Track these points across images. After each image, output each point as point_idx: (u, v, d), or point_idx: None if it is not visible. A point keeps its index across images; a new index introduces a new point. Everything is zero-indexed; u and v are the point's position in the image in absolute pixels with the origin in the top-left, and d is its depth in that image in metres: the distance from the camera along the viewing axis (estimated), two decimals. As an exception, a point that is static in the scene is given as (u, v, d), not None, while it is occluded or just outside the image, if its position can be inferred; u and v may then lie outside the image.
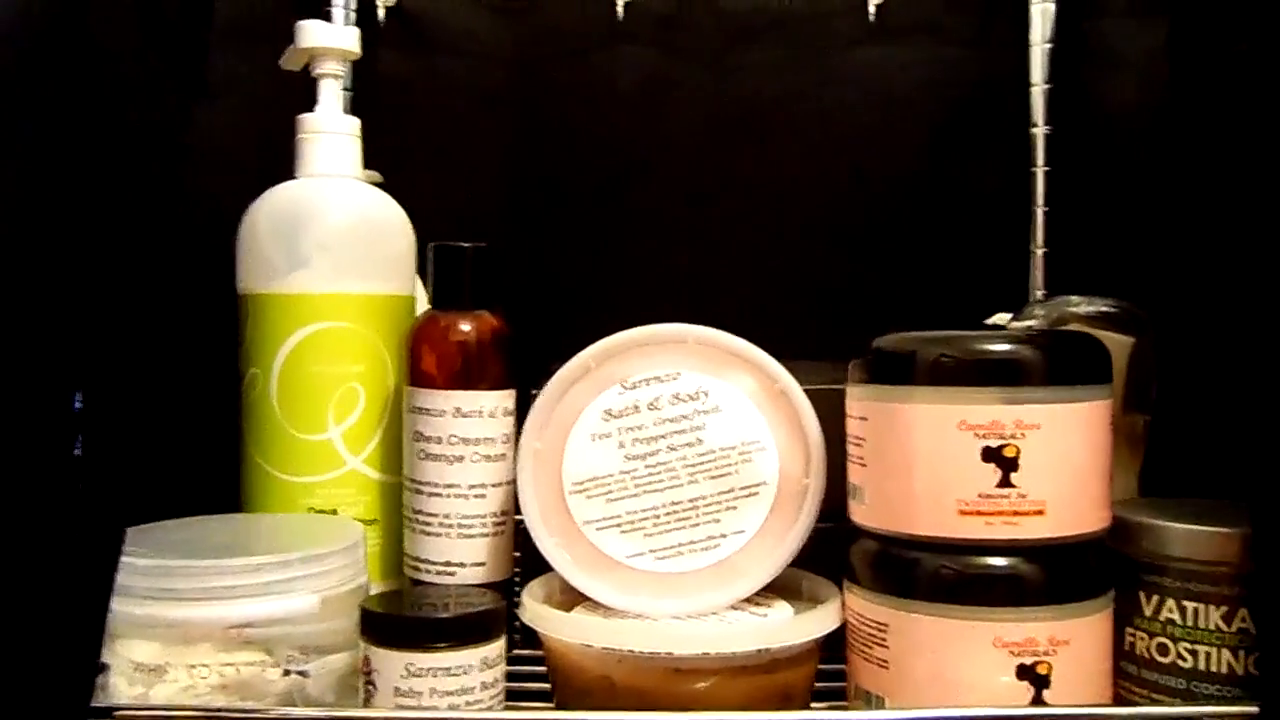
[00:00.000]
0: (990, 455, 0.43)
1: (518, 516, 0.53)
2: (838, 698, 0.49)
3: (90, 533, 0.40)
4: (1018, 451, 0.43)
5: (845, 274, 0.73)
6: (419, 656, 0.44)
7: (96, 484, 0.40)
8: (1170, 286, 0.62)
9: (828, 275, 0.73)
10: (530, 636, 0.52)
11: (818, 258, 0.73)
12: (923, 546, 0.45)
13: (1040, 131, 0.74)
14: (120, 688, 0.44)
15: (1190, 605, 0.45)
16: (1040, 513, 0.44)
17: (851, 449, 0.48)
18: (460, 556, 0.54)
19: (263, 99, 0.63)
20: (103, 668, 0.44)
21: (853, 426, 0.48)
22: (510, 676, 0.52)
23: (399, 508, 0.56)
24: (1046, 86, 0.74)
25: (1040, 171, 0.75)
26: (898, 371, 0.45)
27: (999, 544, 0.44)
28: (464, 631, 0.45)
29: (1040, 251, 0.75)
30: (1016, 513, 0.43)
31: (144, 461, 0.46)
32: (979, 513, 0.44)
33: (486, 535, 0.54)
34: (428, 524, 0.54)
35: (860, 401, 0.47)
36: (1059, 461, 0.44)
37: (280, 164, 0.58)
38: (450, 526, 0.54)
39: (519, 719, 0.41)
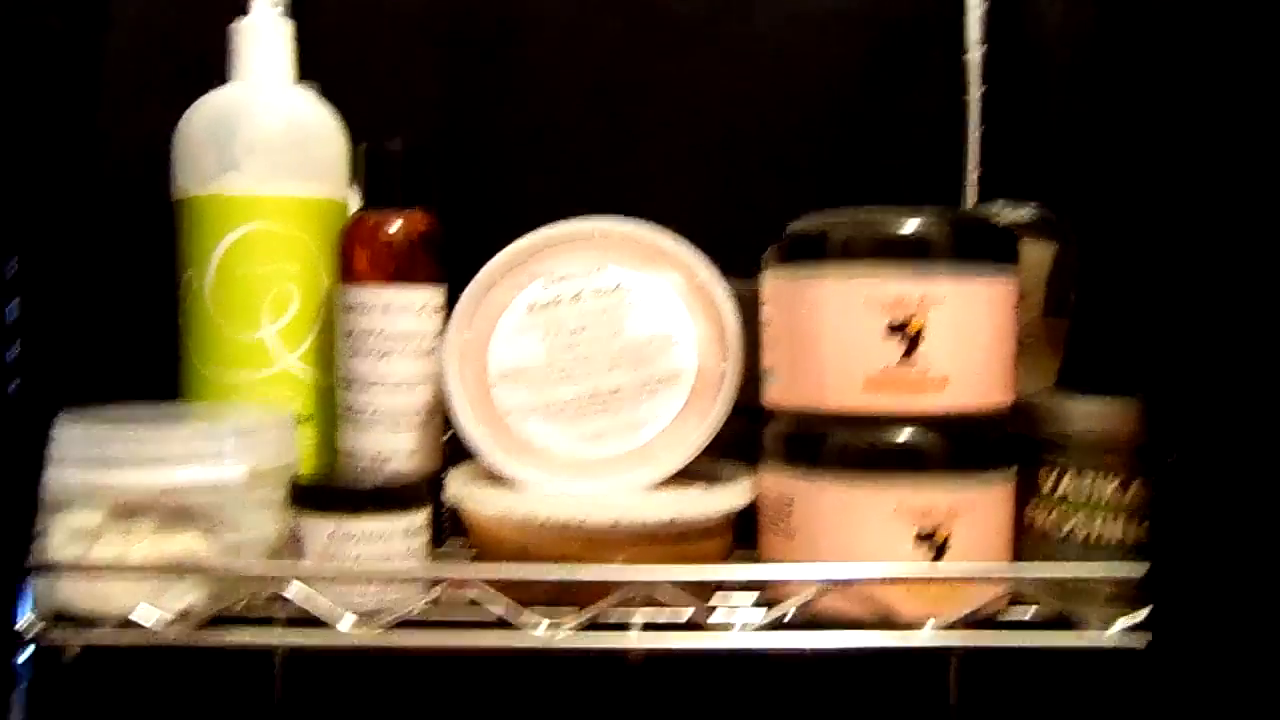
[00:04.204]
0: (895, 330, 0.45)
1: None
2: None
3: (24, 405, 0.41)
4: (922, 326, 0.45)
5: (776, 198, 0.73)
6: (343, 522, 0.45)
7: (31, 367, 0.41)
8: (1098, 200, 0.63)
9: (759, 198, 0.73)
10: (460, 531, 0.53)
11: (747, 179, 0.73)
12: (829, 421, 0.46)
13: (975, 56, 0.75)
14: (58, 550, 0.45)
15: (1087, 478, 0.47)
16: (942, 386, 0.45)
17: (765, 333, 0.49)
18: (391, 448, 0.55)
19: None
20: (41, 534, 0.45)
21: (766, 311, 0.49)
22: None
23: (333, 408, 0.57)
24: (983, 7, 0.75)
25: (975, 95, 0.76)
26: (809, 251, 0.47)
27: (902, 416, 0.45)
28: (387, 499, 0.46)
29: (974, 174, 0.76)
30: (919, 386, 0.45)
31: (82, 365, 0.47)
32: (883, 386, 0.45)
33: (416, 429, 0.55)
34: (358, 417, 0.55)
35: (773, 284, 0.48)
36: (962, 337, 0.45)
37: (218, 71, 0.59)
38: (380, 420, 0.55)
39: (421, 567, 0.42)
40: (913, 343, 0.45)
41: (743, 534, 0.52)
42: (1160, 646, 0.43)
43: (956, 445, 0.45)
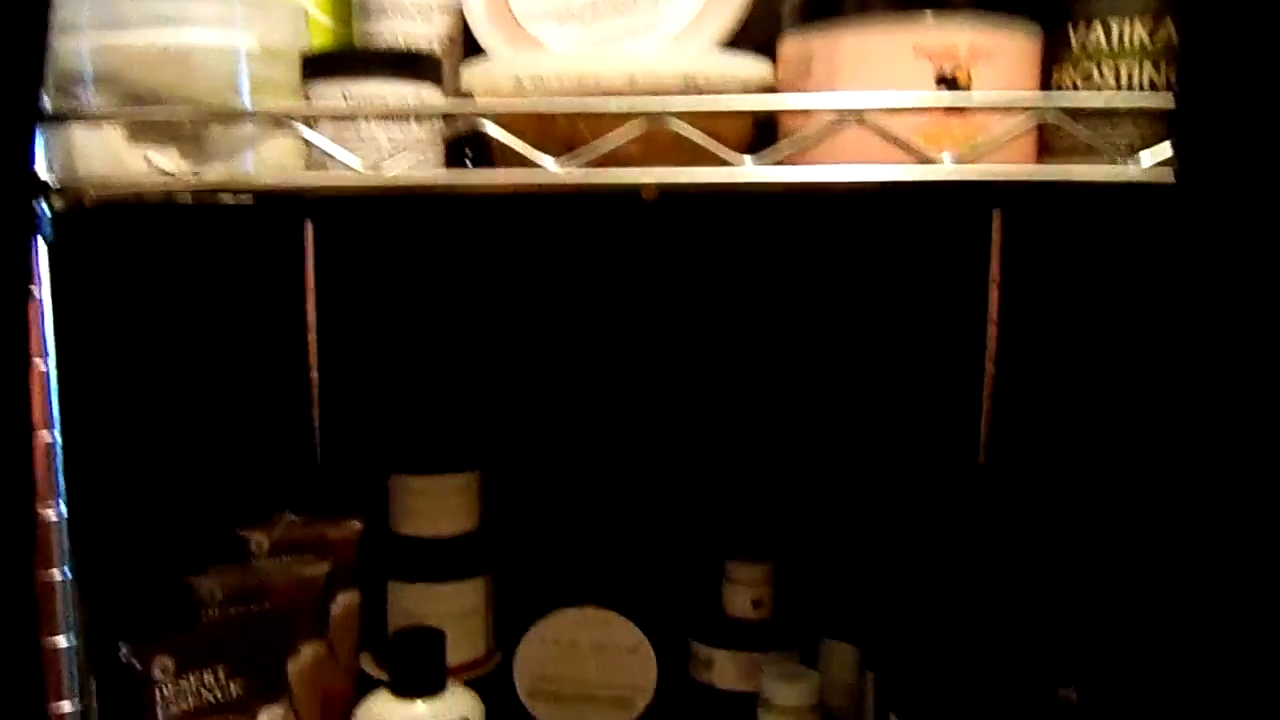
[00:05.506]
0: None
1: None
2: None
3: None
4: None
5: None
6: (353, 84, 0.45)
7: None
8: None
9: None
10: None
11: None
12: (846, -30, 0.45)
13: None
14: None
15: (1116, 23, 0.45)
16: (963, -81, 0.43)
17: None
18: (410, 74, 0.55)
19: None
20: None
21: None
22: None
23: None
24: None
25: None
26: None
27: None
28: (398, 62, 0.46)
29: None
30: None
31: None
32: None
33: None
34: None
35: None
36: None
37: None
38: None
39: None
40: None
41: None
42: (1188, 177, 0.42)
43: (978, -17, 0.44)
